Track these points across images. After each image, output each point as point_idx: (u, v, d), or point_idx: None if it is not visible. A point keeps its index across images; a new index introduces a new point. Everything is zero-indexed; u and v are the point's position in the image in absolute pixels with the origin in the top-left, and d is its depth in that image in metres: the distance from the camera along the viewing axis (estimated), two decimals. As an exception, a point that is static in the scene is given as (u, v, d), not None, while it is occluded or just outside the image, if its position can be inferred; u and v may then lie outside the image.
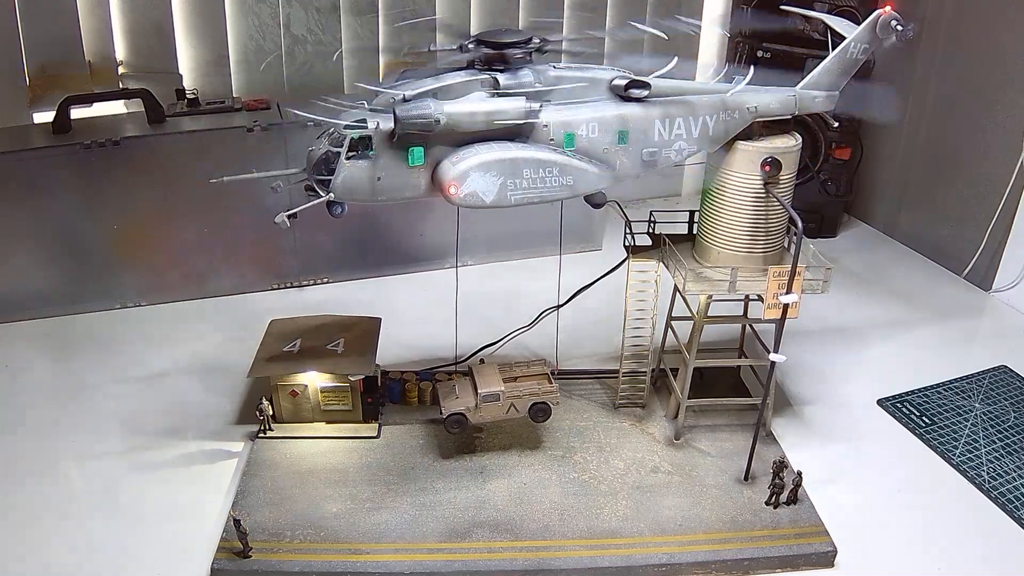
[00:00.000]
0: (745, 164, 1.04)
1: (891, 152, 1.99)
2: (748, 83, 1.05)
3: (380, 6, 1.84)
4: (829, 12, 1.49)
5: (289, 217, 0.93)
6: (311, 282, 1.68)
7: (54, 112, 1.48)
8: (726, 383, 1.31)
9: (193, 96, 1.63)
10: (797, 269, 1.00)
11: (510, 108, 0.93)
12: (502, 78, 0.95)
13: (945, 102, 1.84)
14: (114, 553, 1.01)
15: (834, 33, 1.10)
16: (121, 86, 1.74)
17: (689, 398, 1.18)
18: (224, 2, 1.75)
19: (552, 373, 1.16)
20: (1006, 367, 1.44)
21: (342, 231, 1.63)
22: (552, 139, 0.97)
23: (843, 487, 1.14)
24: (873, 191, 2.06)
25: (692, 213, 1.17)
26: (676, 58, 0.99)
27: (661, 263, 1.15)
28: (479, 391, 1.11)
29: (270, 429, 1.19)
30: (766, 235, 1.08)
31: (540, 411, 1.14)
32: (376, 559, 0.99)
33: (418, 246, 1.70)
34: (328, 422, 1.20)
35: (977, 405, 1.33)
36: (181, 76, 1.77)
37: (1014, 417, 1.30)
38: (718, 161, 1.07)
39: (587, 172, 0.98)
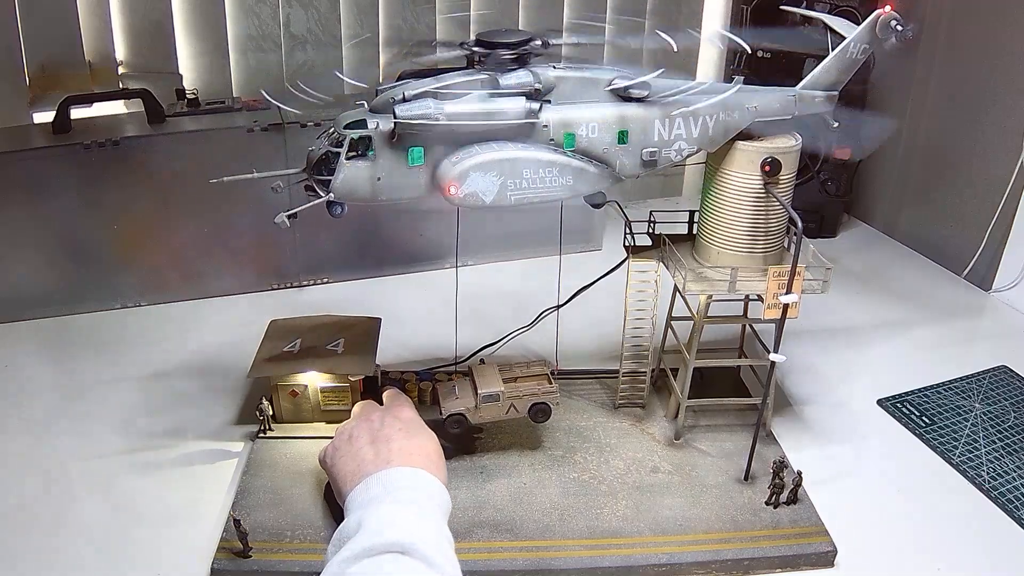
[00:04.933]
0: (745, 164, 1.04)
1: (891, 152, 1.99)
2: (746, 83, 1.05)
3: (381, 7, 1.84)
4: (829, 12, 1.49)
5: (289, 217, 0.93)
6: (311, 282, 1.68)
7: (54, 112, 1.48)
8: (726, 383, 1.31)
9: (193, 96, 1.63)
10: (797, 269, 1.00)
11: (510, 108, 0.93)
12: (502, 78, 0.95)
13: (945, 102, 1.84)
14: (114, 553, 1.01)
15: (834, 33, 1.10)
16: (121, 86, 1.74)
17: (689, 398, 1.18)
18: (224, 2, 1.75)
19: (552, 373, 1.16)
20: (1006, 367, 1.44)
21: (342, 231, 1.63)
22: (552, 139, 0.97)
23: (843, 487, 1.14)
24: (873, 191, 2.06)
25: (692, 213, 1.17)
26: (663, 69, 0.99)
27: (661, 263, 1.15)
28: (479, 391, 1.11)
29: (270, 429, 1.19)
30: (766, 235, 1.08)
31: (540, 411, 1.14)
32: (376, 559, 0.99)
33: (418, 246, 1.70)
34: (328, 422, 1.19)
35: (977, 405, 1.33)
36: (181, 76, 1.77)
37: (1014, 417, 1.30)
38: (717, 169, 1.07)
39: (587, 172, 0.98)
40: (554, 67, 0.98)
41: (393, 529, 0.78)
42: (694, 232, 1.17)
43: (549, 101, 0.97)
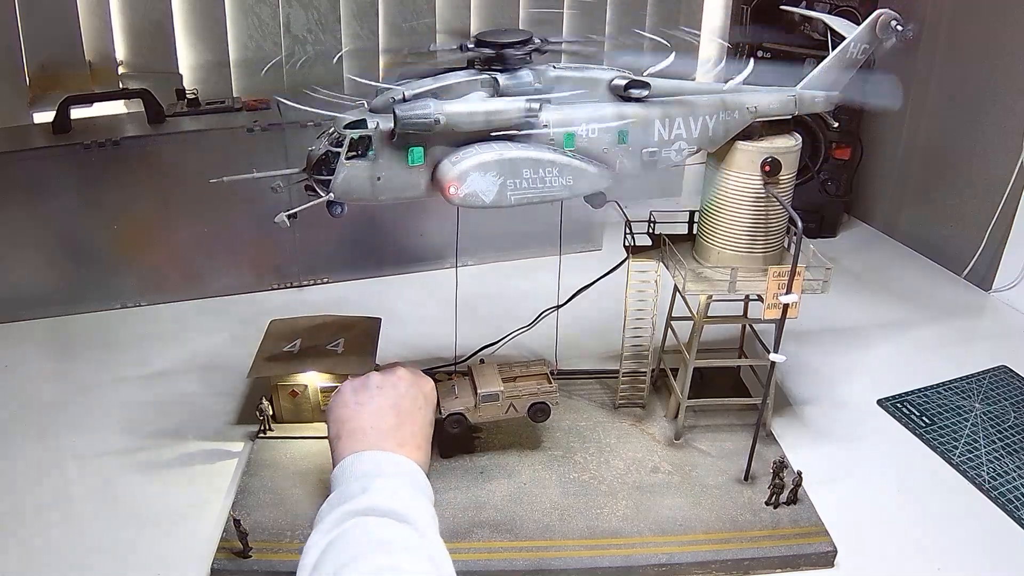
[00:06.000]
0: (745, 164, 1.04)
1: (891, 152, 1.99)
2: (746, 81, 1.05)
3: (380, 7, 1.84)
4: (829, 12, 1.49)
5: (289, 217, 0.92)
6: (311, 282, 1.68)
7: (54, 112, 1.48)
8: (726, 383, 1.31)
9: (193, 96, 1.63)
10: (797, 269, 1.00)
11: (510, 108, 0.93)
12: (502, 78, 0.95)
13: (945, 102, 1.84)
14: (114, 553, 1.01)
15: (834, 33, 1.10)
16: (121, 86, 1.74)
17: (689, 398, 1.18)
18: (224, 2, 1.75)
19: (552, 373, 1.16)
20: (1006, 367, 1.44)
21: (342, 231, 1.63)
22: (552, 139, 0.97)
23: (843, 487, 1.14)
24: (873, 191, 2.06)
25: (692, 213, 1.17)
26: (673, 54, 0.98)
27: (661, 263, 1.15)
28: (478, 391, 1.11)
29: (270, 429, 1.19)
30: (766, 235, 1.08)
31: (539, 411, 1.14)
32: (376, 559, 0.99)
33: (418, 246, 1.70)
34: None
35: (977, 405, 1.33)
36: (181, 76, 1.77)
37: (1014, 417, 1.30)
38: (717, 169, 1.07)
39: (587, 172, 0.98)
40: (554, 67, 0.98)
41: (398, 501, 0.78)
42: (694, 232, 1.17)
43: (549, 101, 0.97)
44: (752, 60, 1.02)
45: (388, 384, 0.95)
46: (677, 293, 1.18)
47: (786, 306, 1.01)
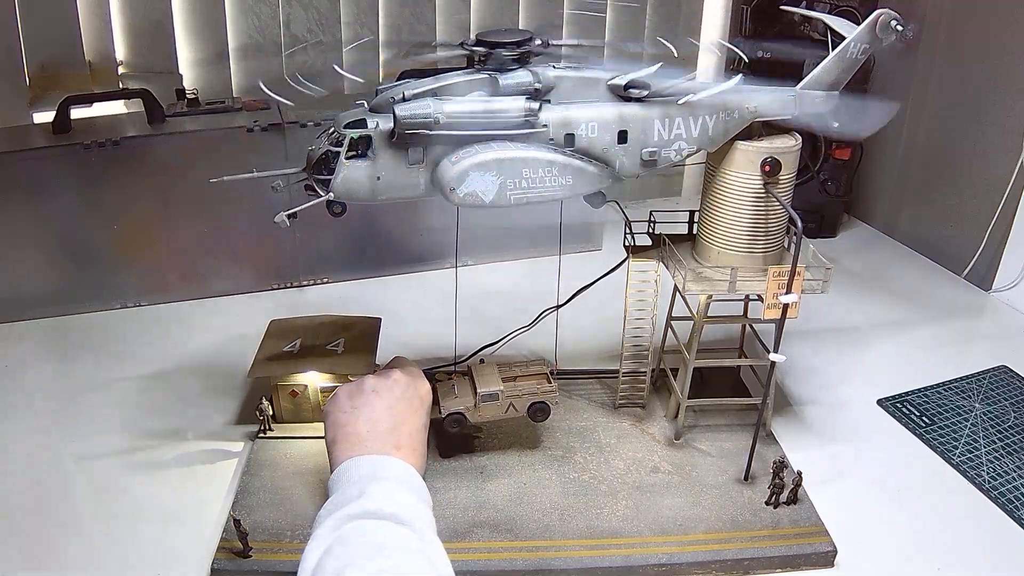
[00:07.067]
0: (745, 164, 1.04)
1: (891, 152, 1.99)
2: (743, 83, 1.05)
3: (381, 6, 1.84)
4: (829, 12, 1.49)
5: (289, 217, 0.93)
6: (311, 282, 1.68)
7: (54, 112, 1.48)
8: (726, 383, 1.31)
9: (193, 96, 1.63)
10: (797, 269, 1.00)
11: (510, 108, 0.93)
12: (501, 78, 0.95)
13: (945, 102, 1.84)
14: (114, 553, 1.01)
15: (834, 33, 1.10)
16: (121, 86, 1.75)
17: (689, 398, 1.18)
18: (224, 2, 1.75)
19: (552, 373, 1.16)
20: (1006, 367, 1.44)
21: (342, 231, 1.63)
22: (552, 139, 0.97)
23: (843, 487, 1.14)
24: (873, 191, 2.06)
25: (692, 213, 1.17)
26: (661, 64, 0.98)
27: (661, 263, 1.15)
28: (478, 391, 1.11)
29: (270, 429, 1.19)
30: (766, 235, 1.08)
31: (539, 411, 1.14)
32: (376, 559, 0.99)
33: (418, 246, 1.70)
34: (328, 422, 1.19)
35: (977, 405, 1.33)
36: (181, 76, 1.77)
37: (1014, 417, 1.30)
38: (716, 169, 1.07)
39: (587, 172, 0.98)
40: (554, 67, 0.98)
41: (396, 504, 0.78)
42: (694, 232, 1.17)
43: (549, 101, 0.97)
44: (741, 75, 1.02)
45: (383, 387, 0.95)
46: (677, 293, 1.18)
47: (786, 306, 1.01)
